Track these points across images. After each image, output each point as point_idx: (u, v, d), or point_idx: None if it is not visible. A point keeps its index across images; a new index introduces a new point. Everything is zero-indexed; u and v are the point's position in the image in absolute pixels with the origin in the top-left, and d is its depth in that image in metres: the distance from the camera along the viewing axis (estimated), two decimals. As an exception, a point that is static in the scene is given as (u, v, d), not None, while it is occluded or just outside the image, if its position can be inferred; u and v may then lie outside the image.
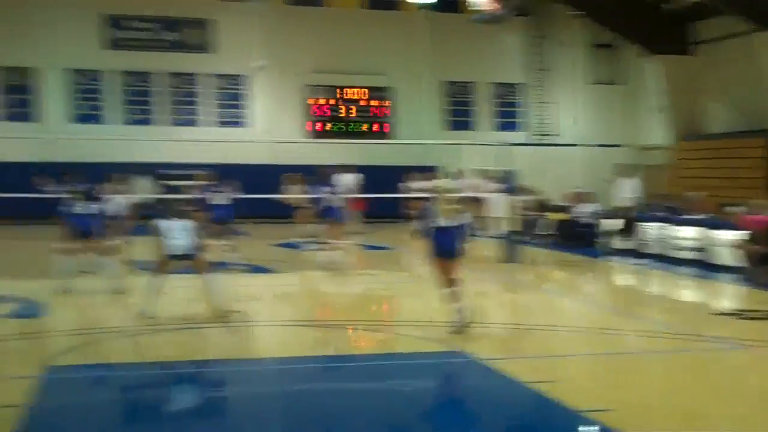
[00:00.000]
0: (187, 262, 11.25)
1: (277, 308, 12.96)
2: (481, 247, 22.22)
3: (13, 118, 29.71)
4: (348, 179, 22.26)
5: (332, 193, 18.01)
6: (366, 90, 32.17)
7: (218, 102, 31.56)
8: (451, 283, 10.44)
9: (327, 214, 17.85)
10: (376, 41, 32.26)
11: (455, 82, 33.52)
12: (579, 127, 33.68)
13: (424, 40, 32.76)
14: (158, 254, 11.19)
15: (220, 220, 15.96)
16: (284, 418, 7.19)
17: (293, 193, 20.57)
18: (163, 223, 11.10)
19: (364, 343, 10.41)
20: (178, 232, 11.05)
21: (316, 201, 18.70)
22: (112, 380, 8.49)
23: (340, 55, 31.87)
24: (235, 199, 17.91)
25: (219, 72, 31.48)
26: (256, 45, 31.43)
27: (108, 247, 13.43)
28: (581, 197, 21.81)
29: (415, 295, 13.94)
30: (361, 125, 32.10)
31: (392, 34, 32.50)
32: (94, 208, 13.23)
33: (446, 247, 10.39)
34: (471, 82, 33.69)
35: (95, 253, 13.39)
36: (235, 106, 31.72)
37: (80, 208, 13.04)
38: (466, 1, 22.90)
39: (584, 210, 21.30)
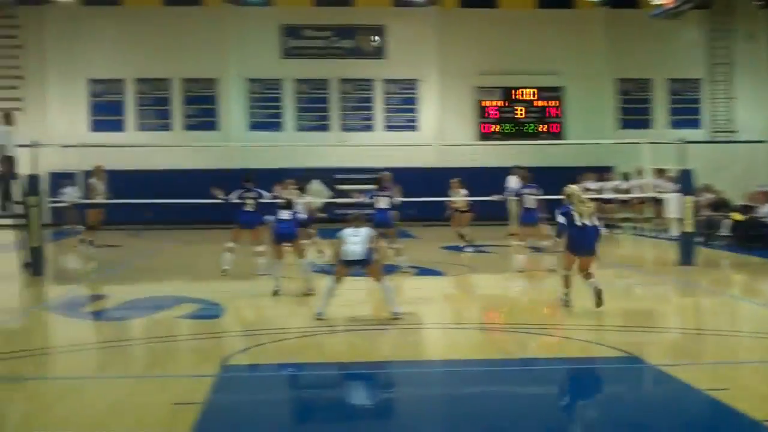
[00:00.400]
0: (361, 268, 11.48)
1: (446, 311, 12.98)
2: (658, 249, 21.57)
3: (195, 127, 31.27)
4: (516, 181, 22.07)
5: (530, 194, 17.77)
6: (535, 90, 31.78)
7: (390, 107, 32.02)
8: (587, 276, 11.76)
9: (527, 217, 17.70)
10: (548, 40, 31.89)
11: (630, 79, 32.64)
12: (763, 122, 32.05)
13: (600, 38, 32.14)
14: (335, 259, 11.46)
15: (380, 224, 16.07)
16: (453, 421, 7.18)
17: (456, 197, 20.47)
18: (345, 230, 11.37)
19: (535, 346, 10.25)
20: (354, 239, 11.27)
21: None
22: (285, 380, 8.74)
23: (511, 56, 31.73)
24: (397, 203, 17.94)
25: (390, 77, 31.94)
26: (426, 49, 31.75)
27: (302, 250, 13.95)
28: (767, 196, 20.66)
29: (585, 298, 13.64)
30: (532, 126, 31.74)
31: (565, 32, 32.04)
32: (291, 213, 13.75)
33: (586, 245, 11.70)
34: (646, 78, 32.70)
35: (296, 256, 13.88)
36: (407, 110, 32.08)
37: (285, 214, 13.57)
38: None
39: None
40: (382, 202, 16.41)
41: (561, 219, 11.78)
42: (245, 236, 15.77)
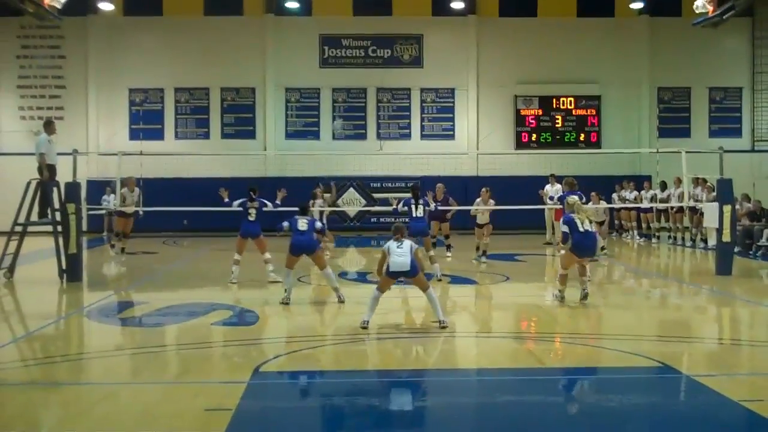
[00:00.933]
0: (407, 279, 11.50)
1: (480, 319, 12.94)
2: (696, 259, 21.33)
3: (233, 135, 31.55)
4: (554, 189, 22.04)
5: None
6: (573, 99, 31.59)
7: (427, 115, 32.03)
8: (584, 270, 13.20)
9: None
10: (587, 49, 31.77)
11: (669, 88, 32.35)
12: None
13: (640, 46, 31.91)
14: (381, 271, 11.49)
15: (416, 233, 16.02)
16: (488, 430, 7.16)
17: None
18: (389, 243, 11.39)
19: (570, 355, 10.18)
20: (399, 251, 11.30)
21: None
22: (317, 387, 8.76)
23: (549, 65, 31.61)
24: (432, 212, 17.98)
25: (428, 86, 31.97)
26: (464, 57, 31.75)
27: (322, 260, 13.85)
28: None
29: (622, 308, 13.54)
30: (570, 135, 31.56)
31: (605, 40, 31.90)
32: (308, 221, 13.64)
33: (588, 248, 13.16)
34: (686, 87, 32.38)
35: (318, 266, 13.86)
36: (444, 119, 32.06)
37: (303, 224, 13.50)
38: (691, 5, 21.99)
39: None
40: (419, 211, 16.42)
41: (564, 228, 13.06)
42: (250, 246, 15.93)
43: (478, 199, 19.45)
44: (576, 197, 13.70)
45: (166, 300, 14.14)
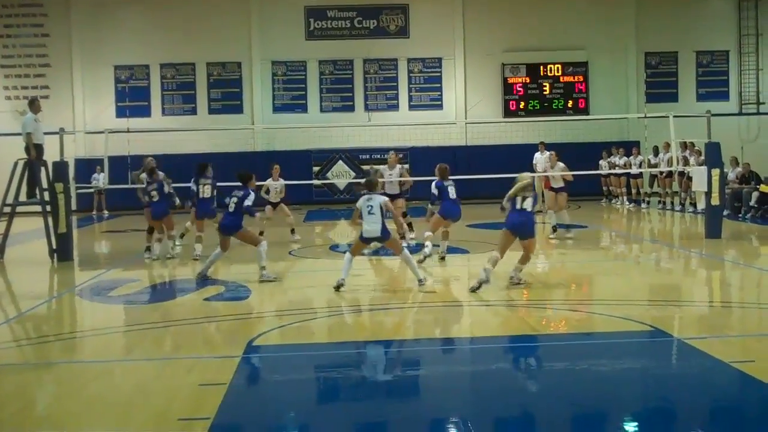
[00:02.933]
0: (380, 243, 11.70)
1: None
2: (685, 223, 21.41)
3: (220, 110, 31.41)
4: (543, 157, 22.02)
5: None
6: (560, 66, 31.51)
7: (414, 86, 31.92)
8: (525, 259, 12.01)
9: None
10: (573, 15, 31.63)
11: (656, 53, 32.30)
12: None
13: (625, 11, 31.80)
14: (355, 223, 12.01)
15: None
16: (479, 398, 7.20)
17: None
18: (360, 200, 11.80)
19: (561, 322, 10.23)
20: (371, 217, 11.49)
21: None
22: (310, 359, 8.77)
23: (535, 32, 31.49)
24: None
25: (415, 56, 31.83)
26: (450, 27, 31.61)
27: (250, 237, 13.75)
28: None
29: (612, 273, 13.60)
30: (558, 102, 31.51)
31: (590, 6, 31.77)
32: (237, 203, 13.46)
33: (527, 230, 11.90)
34: (673, 51, 32.33)
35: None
36: (431, 89, 31.96)
37: (232, 204, 13.29)
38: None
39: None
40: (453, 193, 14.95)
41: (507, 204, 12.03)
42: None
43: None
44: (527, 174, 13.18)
45: (157, 277, 14.12)
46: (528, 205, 11.77)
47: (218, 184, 16.55)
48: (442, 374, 7.95)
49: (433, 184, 14.73)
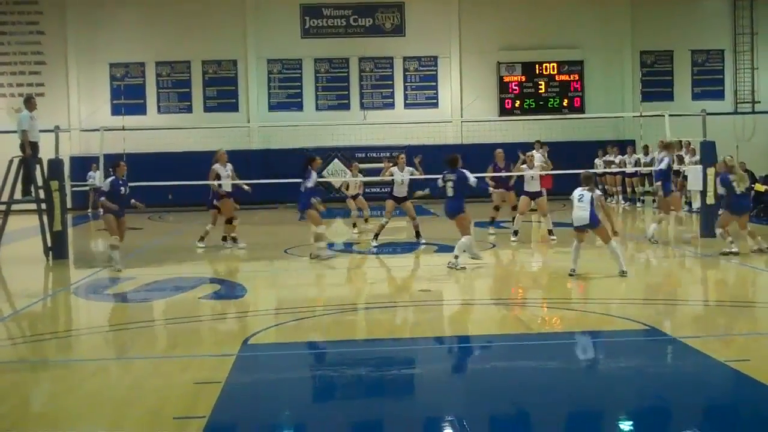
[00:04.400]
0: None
1: (467, 287, 12.96)
2: (680, 221, 21.42)
3: (215, 108, 31.37)
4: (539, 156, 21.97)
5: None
6: (556, 64, 31.52)
7: (410, 84, 31.92)
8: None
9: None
10: (569, 13, 31.65)
11: (651, 51, 32.33)
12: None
13: (621, 10, 31.82)
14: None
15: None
16: (475, 396, 7.20)
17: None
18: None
19: (556, 320, 10.24)
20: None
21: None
22: (306, 358, 8.79)
23: (531, 31, 31.50)
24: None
25: (410, 54, 31.82)
26: (446, 25, 31.60)
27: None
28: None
29: (608, 272, 13.60)
30: (553, 100, 31.52)
31: (586, 4, 31.76)
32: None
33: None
34: (668, 50, 32.37)
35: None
36: (427, 87, 31.97)
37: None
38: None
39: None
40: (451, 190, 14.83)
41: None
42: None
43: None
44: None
45: (152, 275, 14.12)
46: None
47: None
48: (438, 373, 7.96)
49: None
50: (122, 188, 14.49)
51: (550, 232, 17.48)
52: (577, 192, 12.29)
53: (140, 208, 15.11)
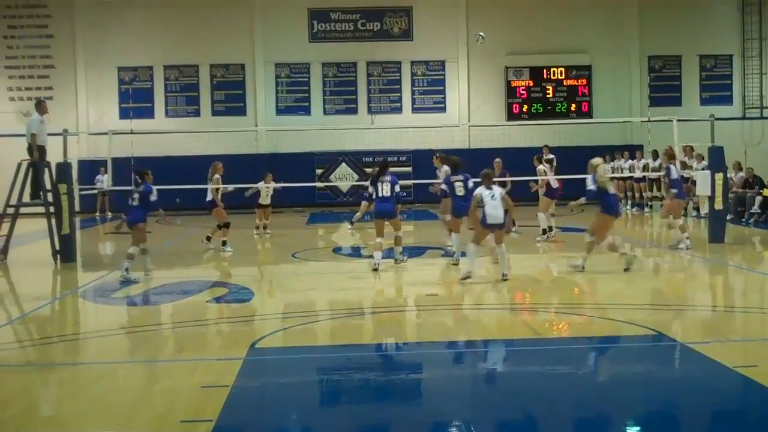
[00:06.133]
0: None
1: (474, 292, 12.93)
2: (688, 227, 21.37)
3: (223, 112, 31.43)
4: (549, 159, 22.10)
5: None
6: (564, 69, 31.50)
7: (418, 88, 31.93)
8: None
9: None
10: (577, 18, 31.61)
11: (659, 56, 32.28)
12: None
13: (629, 14, 31.79)
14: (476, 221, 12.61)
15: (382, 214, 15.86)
16: (481, 401, 7.19)
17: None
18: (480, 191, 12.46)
19: (563, 325, 10.21)
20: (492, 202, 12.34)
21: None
22: (313, 362, 8.76)
23: (539, 35, 31.46)
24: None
25: (418, 59, 31.83)
26: (454, 29, 31.61)
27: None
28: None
29: (615, 277, 13.57)
30: (561, 105, 31.50)
31: (594, 9, 31.73)
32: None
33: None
34: (676, 55, 32.32)
35: None
36: (435, 92, 31.97)
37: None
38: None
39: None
40: (384, 190, 14.61)
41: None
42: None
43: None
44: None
45: (160, 279, 14.14)
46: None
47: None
48: (444, 377, 7.95)
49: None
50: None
51: (544, 231, 17.83)
52: (486, 191, 12.31)
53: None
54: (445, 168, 16.76)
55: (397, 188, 14.62)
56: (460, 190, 14.31)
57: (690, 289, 13.04)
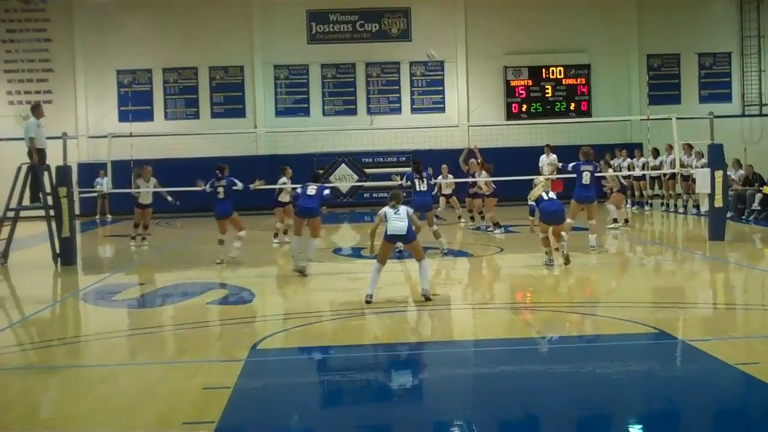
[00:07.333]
0: (404, 243, 11.56)
1: (477, 291, 12.95)
2: (689, 225, 21.39)
3: (223, 114, 31.44)
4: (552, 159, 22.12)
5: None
6: (563, 68, 31.50)
7: (417, 89, 31.94)
8: (559, 237, 13.97)
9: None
10: (575, 17, 31.63)
11: (658, 55, 32.29)
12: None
13: (628, 13, 31.81)
14: (374, 233, 11.82)
15: (420, 207, 15.84)
16: (485, 401, 7.19)
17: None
18: (384, 209, 11.42)
19: (566, 324, 10.20)
20: (396, 215, 11.27)
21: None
22: (314, 363, 8.78)
23: (537, 35, 31.49)
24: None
25: (417, 59, 31.82)
26: (453, 30, 31.61)
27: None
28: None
29: (616, 275, 13.59)
30: (560, 104, 31.50)
31: (592, 8, 31.77)
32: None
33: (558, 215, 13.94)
34: (675, 53, 32.32)
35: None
36: (434, 92, 31.98)
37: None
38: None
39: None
40: (423, 185, 16.18)
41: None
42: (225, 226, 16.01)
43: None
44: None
45: (160, 281, 14.13)
46: (553, 195, 14.01)
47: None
48: (446, 377, 7.94)
49: (406, 176, 16.85)
50: None
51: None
52: (390, 209, 11.37)
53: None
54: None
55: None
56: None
57: (691, 286, 13.03)
